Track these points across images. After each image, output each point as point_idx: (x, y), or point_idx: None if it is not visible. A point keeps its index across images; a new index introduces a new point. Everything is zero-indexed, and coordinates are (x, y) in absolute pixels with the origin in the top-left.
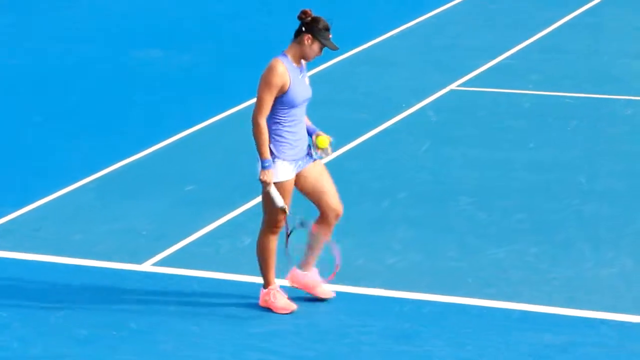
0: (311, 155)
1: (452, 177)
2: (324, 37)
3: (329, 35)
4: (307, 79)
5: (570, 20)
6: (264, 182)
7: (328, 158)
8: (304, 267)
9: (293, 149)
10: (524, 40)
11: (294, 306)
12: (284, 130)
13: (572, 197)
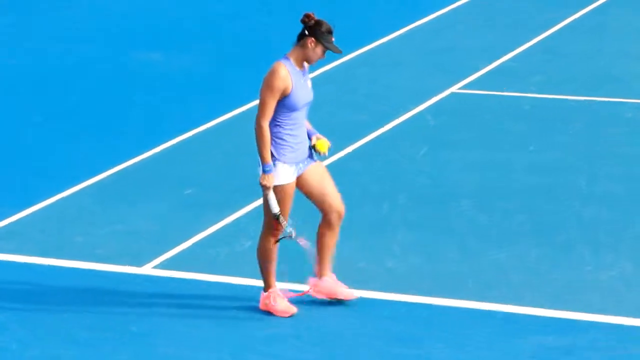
0: (312, 157)
1: (452, 180)
2: (327, 40)
3: (332, 39)
4: (309, 82)
5: (572, 22)
6: (264, 186)
7: (326, 160)
8: (319, 274)
9: (294, 151)
10: (525, 42)
11: (294, 309)
12: (285, 133)
13: (572, 199)
